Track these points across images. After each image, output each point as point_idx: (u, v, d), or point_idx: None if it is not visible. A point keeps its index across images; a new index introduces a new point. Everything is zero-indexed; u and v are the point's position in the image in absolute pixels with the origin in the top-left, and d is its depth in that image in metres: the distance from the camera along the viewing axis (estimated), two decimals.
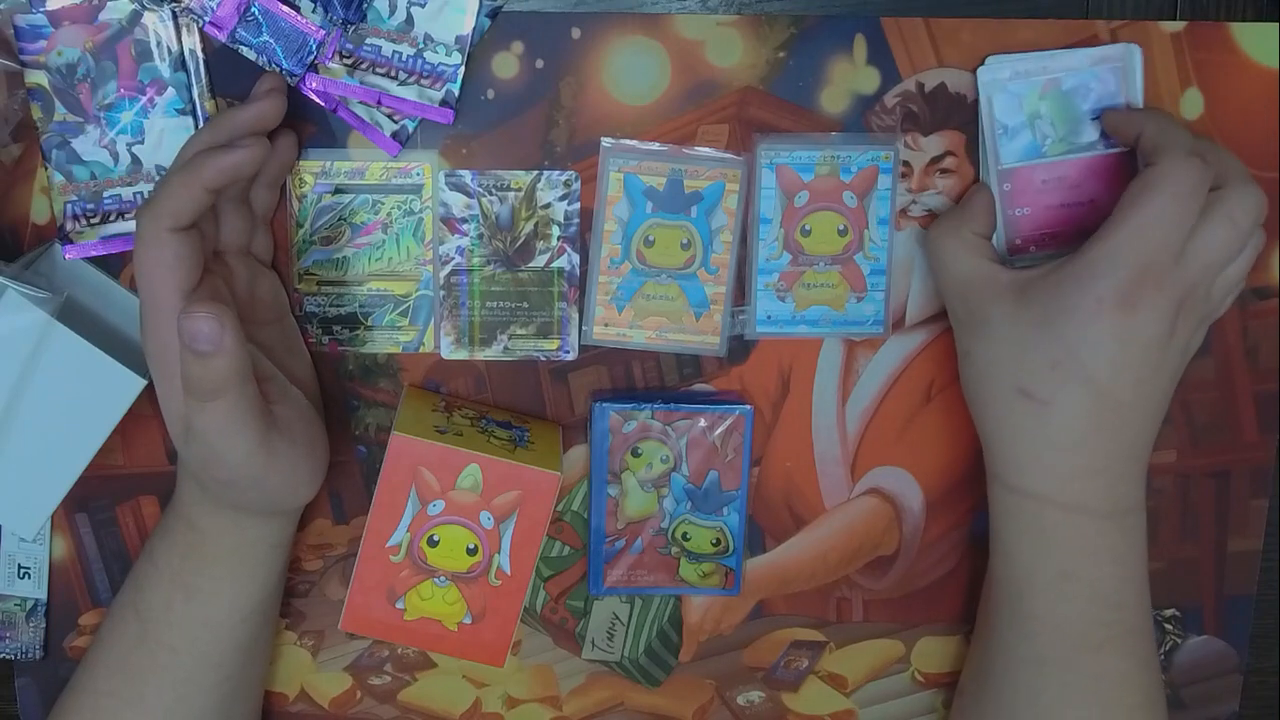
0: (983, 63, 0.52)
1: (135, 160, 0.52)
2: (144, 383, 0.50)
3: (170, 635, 0.50)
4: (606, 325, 0.55)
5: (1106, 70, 0.52)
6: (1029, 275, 0.49)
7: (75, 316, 0.51)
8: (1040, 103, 0.52)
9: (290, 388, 0.49)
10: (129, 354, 0.51)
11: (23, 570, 0.57)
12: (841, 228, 0.54)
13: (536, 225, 0.54)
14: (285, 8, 0.50)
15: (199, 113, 0.52)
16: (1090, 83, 0.52)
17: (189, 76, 0.51)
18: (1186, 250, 0.46)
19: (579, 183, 0.53)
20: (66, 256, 0.52)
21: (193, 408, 0.45)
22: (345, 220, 0.53)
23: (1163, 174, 0.46)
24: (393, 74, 0.51)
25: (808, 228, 0.54)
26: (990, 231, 0.53)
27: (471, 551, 0.52)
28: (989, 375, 0.49)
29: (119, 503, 0.57)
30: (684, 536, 0.57)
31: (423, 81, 0.52)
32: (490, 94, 0.53)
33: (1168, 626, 0.60)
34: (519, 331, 0.55)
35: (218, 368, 0.43)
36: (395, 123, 0.52)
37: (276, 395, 0.48)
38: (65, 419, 0.51)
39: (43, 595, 0.57)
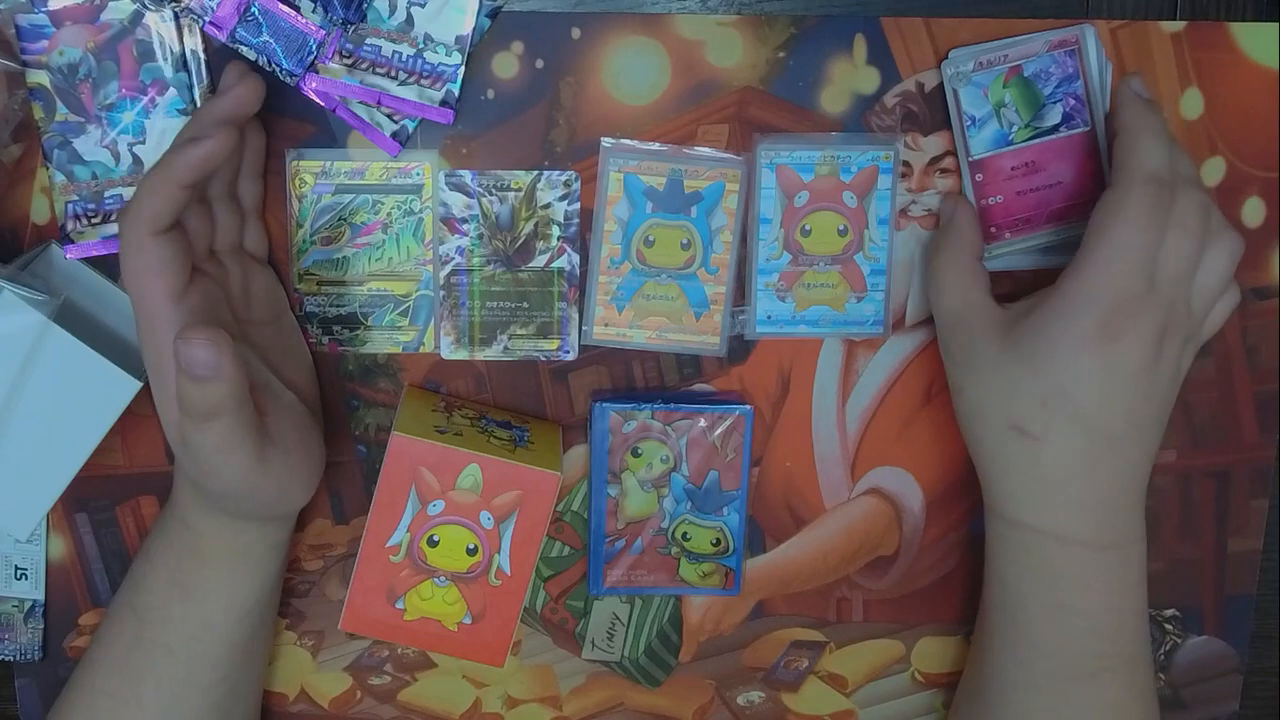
0: (946, 57, 0.53)
1: (137, 160, 0.52)
2: (140, 385, 0.50)
3: (167, 634, 0.50)
4: (606, 325, 0.55)
5: (1064, 54, 0.52)
6: (1015, 311, 0.49)
7: (72, 318, 0.51)
8: (1005, 91, 0.53)
9: (284, 394, 0.49)
10: (125, 356, 0.51)
11: (20, 571, 0.57)
12: (841, 228, 0.54)
13: (536, 225, 0.54)
14: (285, 8, 0.50)
15: None
16: (1050, 67, 0.52)
17: (190, 77, 0.51)
18: (1155, 270, 0.46)
19: (579, 183, 0.53)
20: (68, 256, 0.52)
21: (188, 426, 0.44)
22: (345, 220, 0.53)
23: (1121, 203, 0.46)
24: (393, 74, 0.51)
25: (808, 228, 0.54)
26: (982, 251, 0.53)
27: (471, 551, 0.52)
28: (981, 411, 0.49)
29: (119, 503, 0.57)
30: (684, 536, 0.57)
31: (423, 81, 0.52)
32: (490, 94, 0.53)
33: (1168, 626, 0.60)
34: (519, 331, 0.55)
35: (214, 392, 0.43)
36: (395, 123, 0.52)
37: (269, 405, 0.48)
38: (61, 421, 0.51)
39: (40, 596, 0.57)
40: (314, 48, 0.51)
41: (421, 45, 0.51)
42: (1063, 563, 0.49)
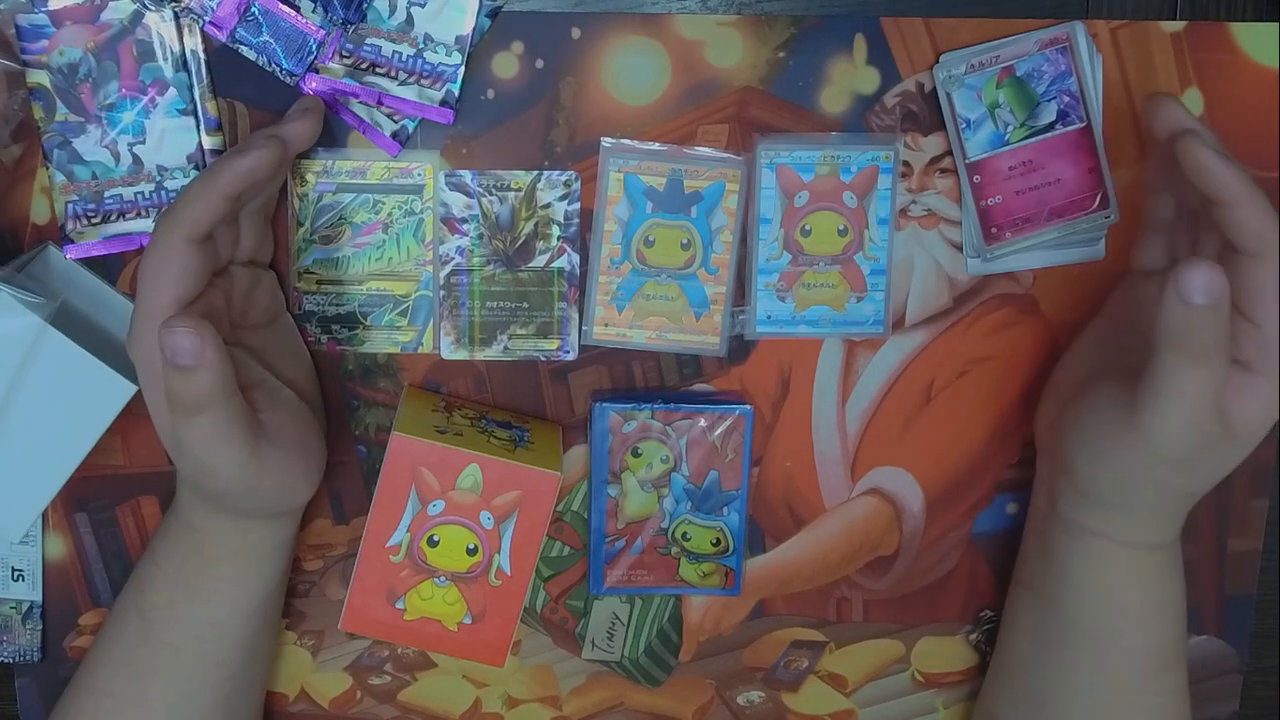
0: (937, 61, 0.53)
1: (136, 160, 0.52)
2: (135, 388, 0.50)
3: (173, 634, 0.50)
4: (606, 325, 0.55)
5: (1055, 51, 0.52)
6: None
7: (68, 321, 0.51)
8: (998, 92, 0.53)
9: (281, 390, 0.49)
10: (121, 359, 0.51)
11: (16, 573, 0.57)
12: (841, 228, 0.54)
13: (536, 225, 0.54)
14: (285, 8, 0.50)
15: (200, 113, 0.52)
16: (1042, 65, 0.52)
17: (190, 77, 0.51)
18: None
19: (579, 183, 0.53)
20: (68, 256, 0.52)
21: (178, 421, 0.44)
22: (345, 220, 0.53)
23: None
24: (393, 74, 0.51)
25: (808, 228, 0.54)
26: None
27: (471, 551, 0.52)
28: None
29: (119, 503, 0.57)
30: (684, 536, 0.57)
31: (423, 81, 0.52)
32: (490, 94, 0.53)
33: None
34: (519, 331, 0.55)
35: (200, 382, 0.43)
36: (395, 123, 0.52)
37: (265, 402, 0.48)
38: (55, 423, 0.51)
39: (38, 597, 0.57)
40: (314, 48, 0.51)
41: (421, 45, 0.51)
42: (1175, 564, 0.49)
